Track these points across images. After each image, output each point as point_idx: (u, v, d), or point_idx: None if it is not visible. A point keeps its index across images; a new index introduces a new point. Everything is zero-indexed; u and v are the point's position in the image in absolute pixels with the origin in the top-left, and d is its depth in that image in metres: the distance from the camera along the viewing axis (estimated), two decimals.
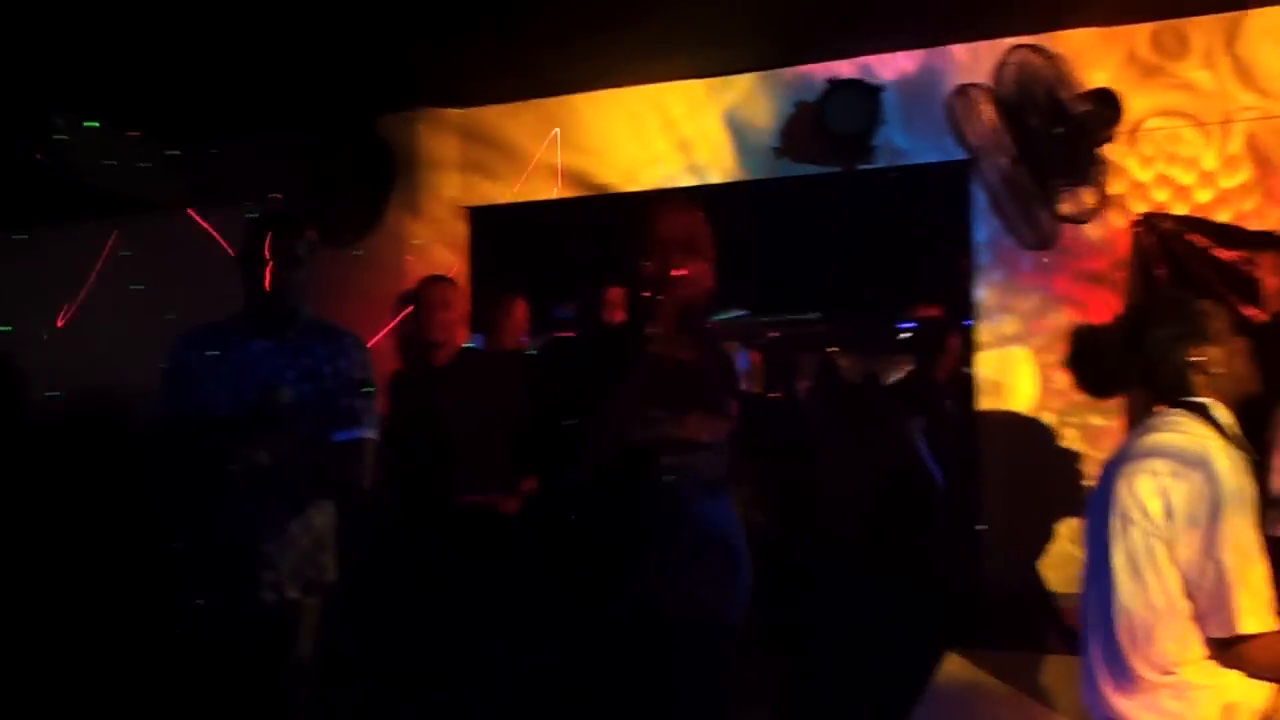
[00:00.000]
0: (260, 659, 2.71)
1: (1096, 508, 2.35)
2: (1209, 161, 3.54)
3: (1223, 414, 2.27)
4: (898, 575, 4.91)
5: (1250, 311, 3.28)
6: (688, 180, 4.28)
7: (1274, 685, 2.19)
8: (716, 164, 4.25)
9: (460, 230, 4.67)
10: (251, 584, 2.69)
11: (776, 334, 7.73)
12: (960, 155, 3.80)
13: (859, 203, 4.22)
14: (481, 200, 4.64)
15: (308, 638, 2.77)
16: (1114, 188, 3.58)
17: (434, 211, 4.65)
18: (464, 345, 3.94)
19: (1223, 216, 3.48)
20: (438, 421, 3.62)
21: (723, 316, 7.28)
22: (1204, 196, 3.54)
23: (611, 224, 5.11)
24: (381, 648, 3.59)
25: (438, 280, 3.87)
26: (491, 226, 4.72)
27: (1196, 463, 2.16)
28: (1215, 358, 2.29)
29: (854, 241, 5.17)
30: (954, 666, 2.73)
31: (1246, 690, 2.17)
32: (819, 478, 5.83)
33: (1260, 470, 2.62)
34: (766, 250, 5.59)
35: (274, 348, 2.78)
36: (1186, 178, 3.56)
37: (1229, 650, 2.15)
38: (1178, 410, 2.29)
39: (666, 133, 4.31)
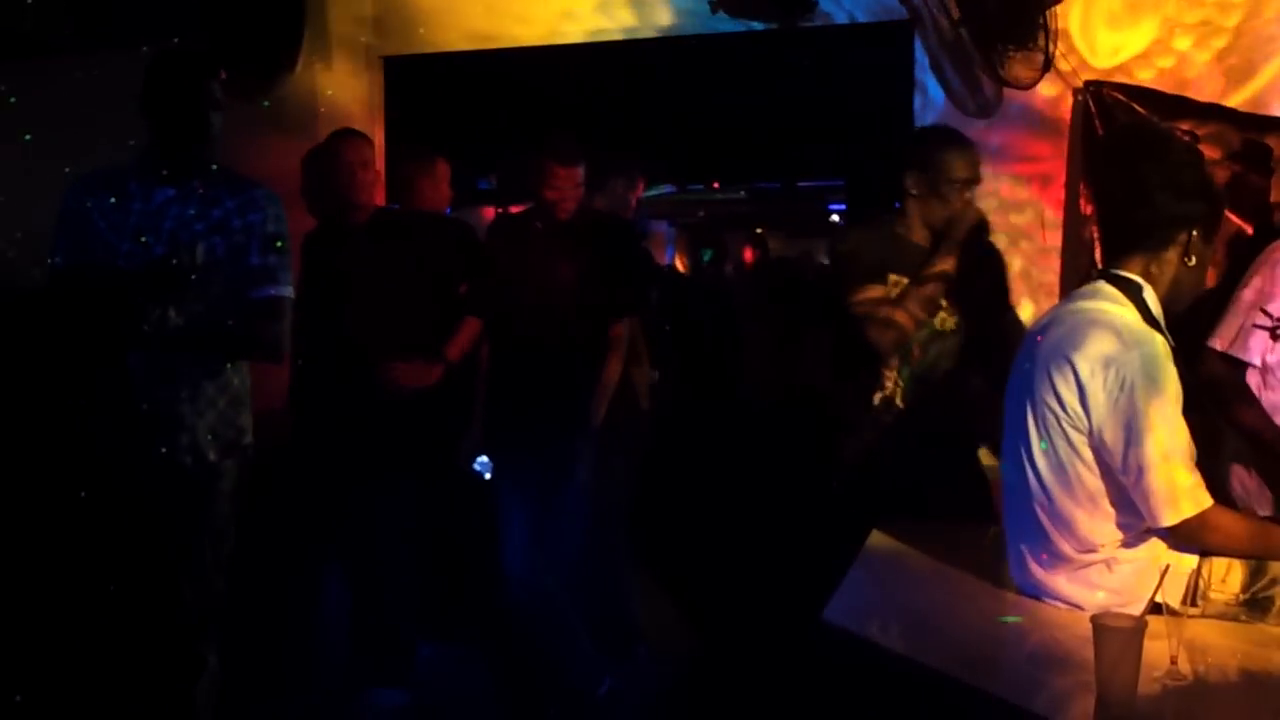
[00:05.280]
0: (177, 523, 2.64)
1: (1017, 385, 2.29)
2: (1160, 29, 3.45)
3: (1153, 299, 2.21)
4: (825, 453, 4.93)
5: None
6: (616, 35, 4.07)
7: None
8: (647, 18, 4.04)
9: (376, 82, 4.41)
10: (167, 447, 2.59)
11: (703, 212, 7.62)
12: (903, 15, 3.65)
13: (795, 65, 4.08)
14: (399, 49, 4.37)
15: (226, 501, 2.71)
16: (1061, 53, 3.48)
17: (347, 62, 4.38)
18: (380, 206, 3.75)
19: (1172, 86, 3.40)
20: (354, 285, 3.46)
21: (650, 193, 7.13)
22: (1158, 65, 3.45)
23: (534, 83, 4.93)
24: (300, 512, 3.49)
25: (351, 135, 3.66)
26: (410, 79, 4.48)
27: (1120, 347, 2.10)
28: (1198, 251, 2.22)
29: (790, 107, 5.04)
30: (881, 540, 2.70)
31: (1176, 555, 2.16)
32: (745, 356, 5.81)
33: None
34: (689, 116, 5.44)
35: (181, 197, 2.63)
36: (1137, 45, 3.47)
37: (1171, 532, 2.13)
38: (1109, 286, 2.22)
39: None
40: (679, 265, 6.94)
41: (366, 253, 3.45)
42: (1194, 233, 2.21)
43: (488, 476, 3.77)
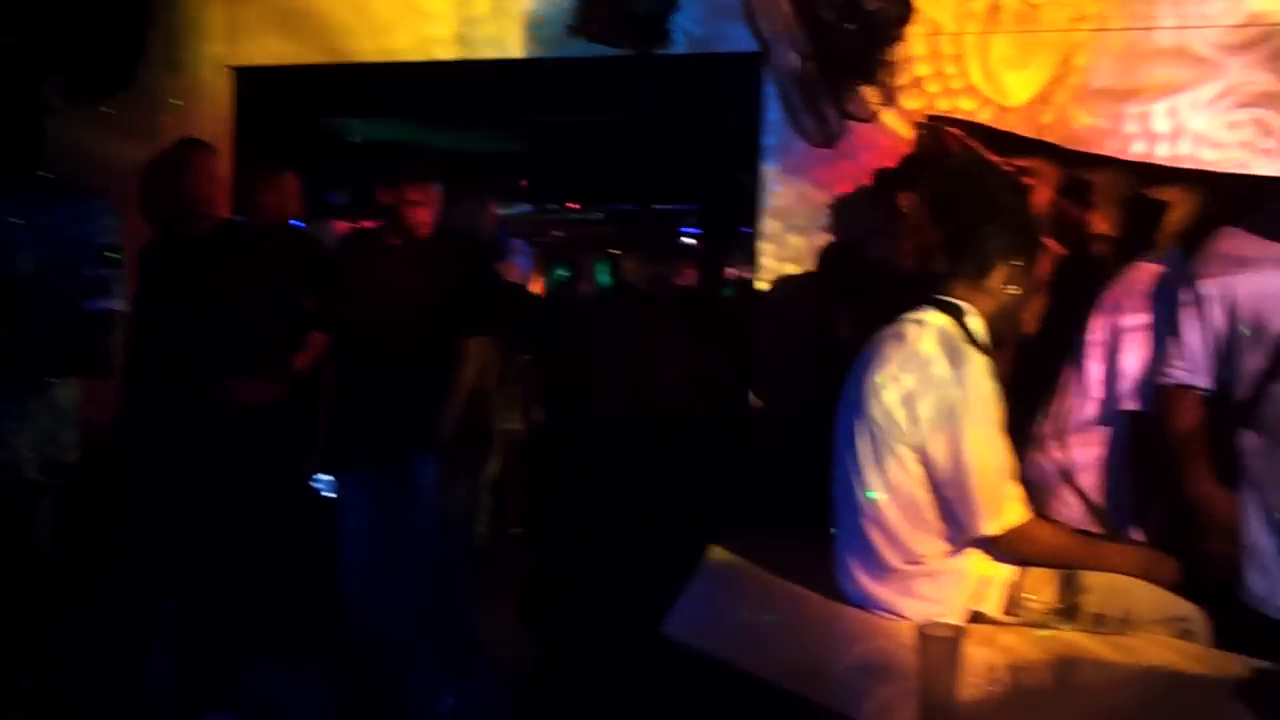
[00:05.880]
0: None
1: (847, 401, 2.38)
2: (1001, 69, 3.61)
3: (975, 322, 2.32)
4: (674, 469, 4.99)
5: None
6: (471, 54, 4.07)
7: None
8: (503, 39, 4.05)
9: (224, 92, 4.30)
10: None
11: (561, 232, 7.64)
12: (754, 46, 3.75)
13: (650, 91, 4.14)
14: (250, 59, 4.27)
15: (46, 521, 2.59)
16: (907, 89, 3.62)
17: (195, 70, 4.25)
18: (225, 218, 3.65)
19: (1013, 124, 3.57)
20: (193, 299, 3.35)
21: (507, 211, 7.12)
22: (996, 105, 3.62)
23: (392, 99, 4.87)
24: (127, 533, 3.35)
25: (196, 145, 3.55)
26: (261, 90, 4.37)
27: (944, 366, 2.21)
28: (1016, 280, 2.35)
29: (645, 133, 5.11)
30: (719, 553, 2.75)
31: (994, 566, 2.28)
32: (597, 376, 5.83)
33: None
34: (550, 139, 5.46)
35: (9, 207, 2.51)
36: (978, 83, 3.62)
37: (991, 543, 2.24)
38: (933, 310, 2.33)
39: (455, 2, 4.07)
40: (536, 285, 6.94)
41: (207, 266, 3.35)
42: (1015, 262, 2.34)
43: (329, 494, 3.70)
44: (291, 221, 4.17)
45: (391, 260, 3.48)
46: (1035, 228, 2.42)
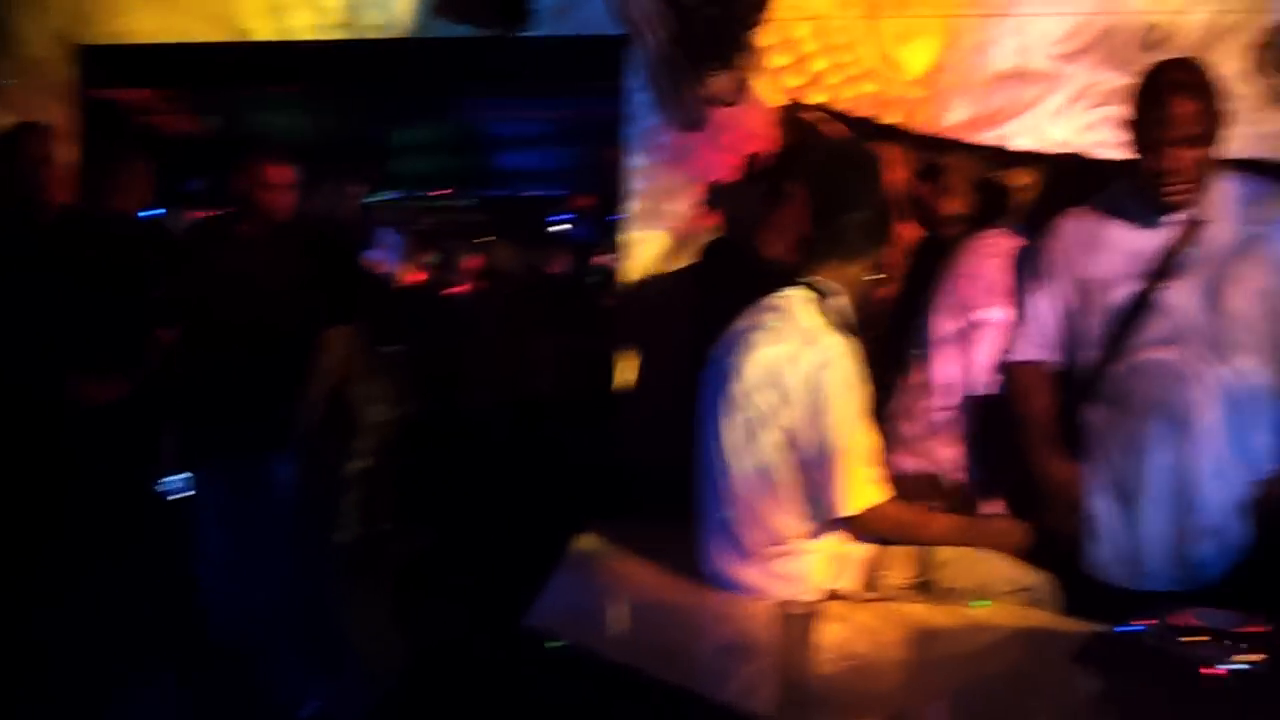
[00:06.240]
0: None
1: (711, 384, 2.39)
2: (864, 53, 3.66)
3: (841, 304, 2.36)
4: (544, 457, 4.97)
5: None
6: (332, 34, 3.95)
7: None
8: (365, 19, 3.94)
9: (65, 72, 4.08)
10: None
11: (431, 219, 7.52)
12: (619, 29, 3.73)
13: (514, 74, 4.09)
14: (98, 38, 4.05)
15: None
16: (769, 73, 3.65)
17: (32, 46, 4.03)
18: (66, 205, 3.48)
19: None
20: (32, 291, 3.19)
21: (375, 198, 6.98)
22: (854, 89, 3.67)
23: (251, 80, 4.70)
24: None
25: (33, 128, 3.39)
26: (111, 71, 4.16)
27: (811, 348, 2.24)
28: (880, 269, 2.39)
29: (512, 117, 5.06)
30: (586, 541, 2.75)
31: (853, 545, 2.32)
32: (468, 365, 5.78)
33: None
34: (417, 121, 5.36)
35: None
36: (838, 69, 3.67)
37: (852, 522, 2.28)
38: (799, 291, 2.35)
39: None
40: (406, 274, 6.83)
41: (47, 256, 3.19)
42: (878, 247, 2.38)
43: (181, 494, 3.56)
44: (146, 212, 3.99)
45: (247, 248, 3.37)
46: (891, 211, 2.47)
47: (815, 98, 3.66)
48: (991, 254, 2.81)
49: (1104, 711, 1.81)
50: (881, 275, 2.48)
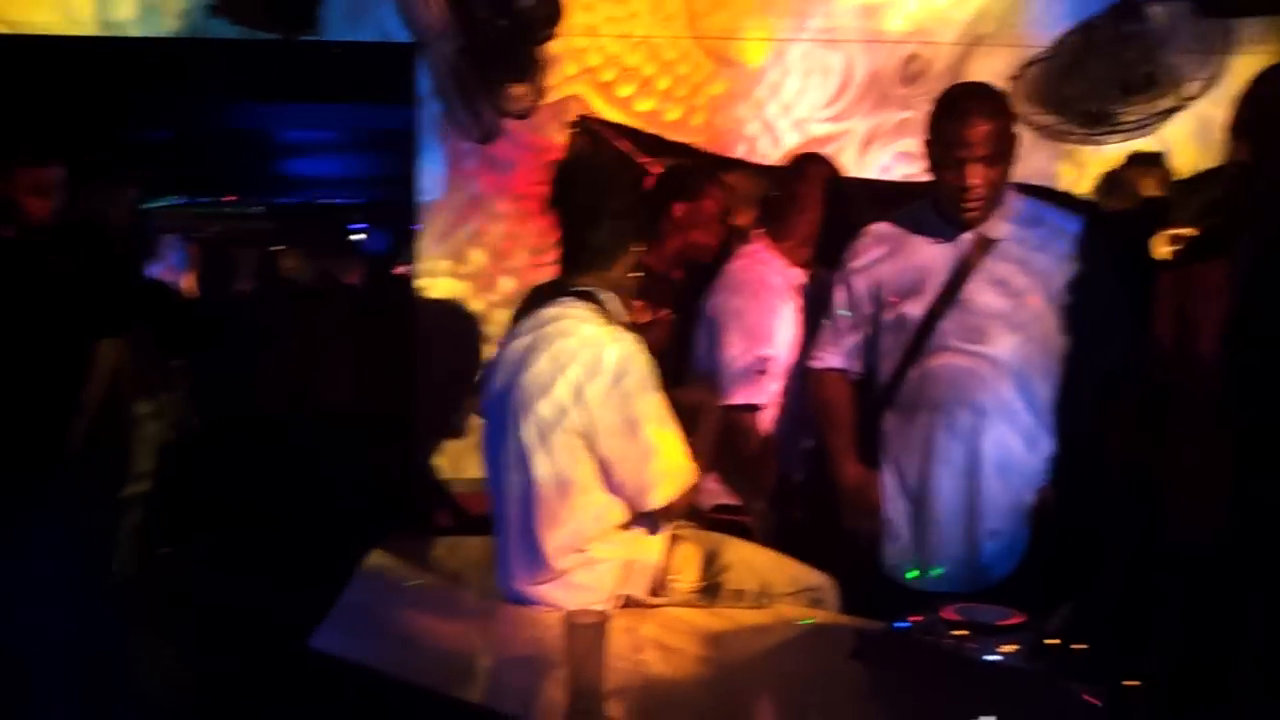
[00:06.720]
0: None
1: (499, 395, 2.39)
2: (651, 72, 3.74)
3: (615, 305, 2.40)
4: (335, 474, 4.83)
5: None
6: (112, 31, 3.74)
7: (666, 543, 2.40)
8: (145, 16, 3.75)
9: None
10: None
11: (217, 226, 7.21)
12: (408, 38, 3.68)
13: (302, 80, 3.97)
14: None
15: None
16: (564, 88, 3.67)
17: None
18: None
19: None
20: None
21: (156, 204, 6.65)
22: (645, 105, 3.73)
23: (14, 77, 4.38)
24: None
25: None
26: None
27: (596, 348, 2.26)
28: (632, 262, 2.43)
29: (307, 122, 4.90)
30: (379, 559, 2.69)
31: (643, 550, 2.35)
32: (258, 379, 5.56)
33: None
34: (198, 124, 5.12)
35: None
36: (629, 87, 3.73)
37: (663, 514, 2.33)
38: (573, 300, 2.37)
39: None
40: (192, 283, 6.51)
41: None
42: (636, 248, 2.42)
43: None
44: None
45: (2, 254, 3.13)
46: (648, 213, 2.52)
47: (606, 113, 3.71)
48: (744, 262, 2.95)
49: (876, 705, 1.88)
50: (640, 275, 2.52)
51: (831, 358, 2.76)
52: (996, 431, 2.53)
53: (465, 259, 3.79)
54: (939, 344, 2.56)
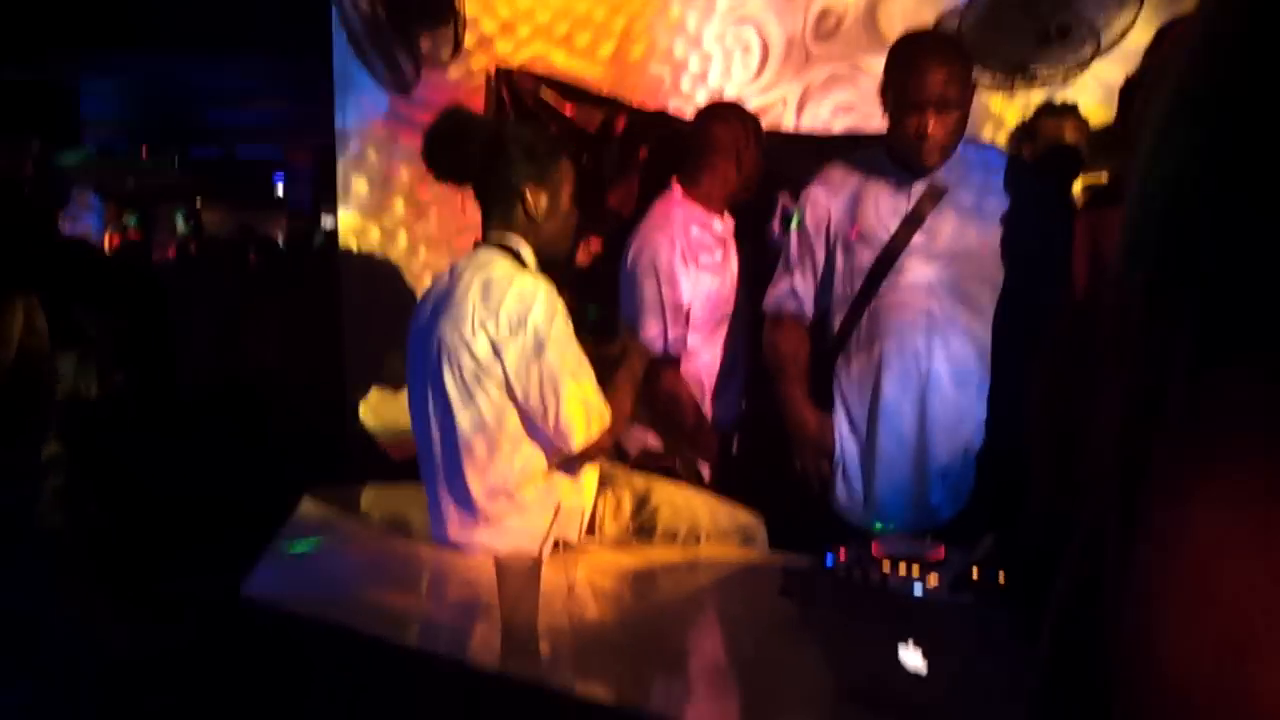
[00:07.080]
0: None
1: (419, 346, 2.39)
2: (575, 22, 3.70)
3: (527, 252, 2.40)
4: (264, 424, 4.79)
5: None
6: None
7: (595, 485, 2.43)
8: None
9: None
10: None
11: (134, 180, 7.01)
12: None
13: (213, 24, 3.86)
14: None
15: None
16: (480, 37, 3.63)
17: None
18: None
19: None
20: None
21: (71, 158, 6.44)
22: (565, 55, 3.69)
23: None
24: None
25: None
26: None
27: (515, 296, 2.27)
28: (543, 204, 2.41)
29: (219, 71, 4.78)
30: (310, 506, 2.68)
31: (573, 493, 2.38)
32: (180, 335, 5.47)
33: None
34: (107, 75, 4.96)
35: None
36: (549, 35, 3.69)
37: (582, 455, 2.35)
38: (490, 248, 2.38)
39: None
40: (105, 241, 6.35)
41: None
42: (536, 188, 2.40)
43: None
44: None
45: None
46: (551, 153, 2.50)
47: (526, 63, 3.66)
48: (670, 212, 2.99)
49: (803, 639, 1.93)
50: (552, 218, 2.49)
51: (785, 302, 2.77)
52: (945, 374, 2.56)
53: (387, 209, 3.76)
54: (890, 288, 2.58)
